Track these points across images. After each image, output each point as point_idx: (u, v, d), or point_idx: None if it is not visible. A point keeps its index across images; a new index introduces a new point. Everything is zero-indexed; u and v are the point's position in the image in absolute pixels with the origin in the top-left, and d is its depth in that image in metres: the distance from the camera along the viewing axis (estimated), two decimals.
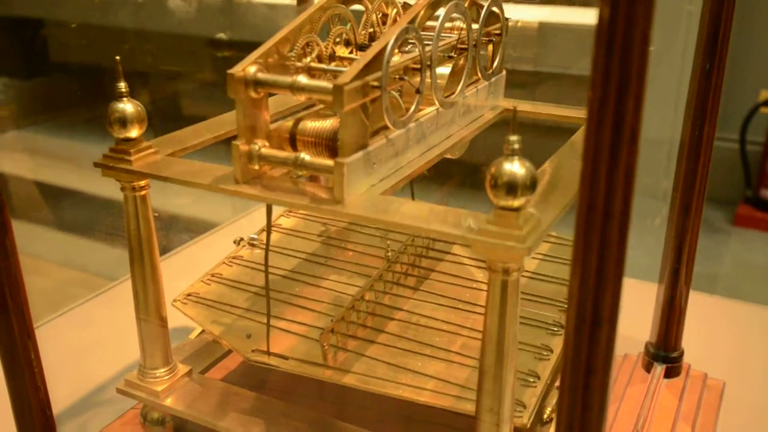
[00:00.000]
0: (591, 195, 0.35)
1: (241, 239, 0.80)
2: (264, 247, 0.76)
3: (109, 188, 0.60)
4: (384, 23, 0.68)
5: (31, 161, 2.16)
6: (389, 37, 0.53)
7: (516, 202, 0.45)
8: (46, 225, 1.81)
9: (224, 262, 0.77)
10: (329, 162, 0.52)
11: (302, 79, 0.52)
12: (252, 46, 0.54)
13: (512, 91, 0.75)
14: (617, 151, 0.34)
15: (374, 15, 0.66)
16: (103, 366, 0.85)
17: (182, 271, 0.93)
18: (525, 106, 0.73)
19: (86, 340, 0.93)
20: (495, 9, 0.68)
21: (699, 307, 0.91)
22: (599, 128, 0.34)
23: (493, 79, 0.71)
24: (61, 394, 0.74)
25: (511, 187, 0.45)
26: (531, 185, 0.45)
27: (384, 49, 0.52)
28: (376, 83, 0.52)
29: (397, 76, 0.56)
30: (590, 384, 0.38)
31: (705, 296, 1.02)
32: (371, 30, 0.66)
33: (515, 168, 0.45)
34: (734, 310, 1.01)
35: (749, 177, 1.96)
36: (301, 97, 0.54)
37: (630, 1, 0.31)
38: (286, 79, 0.52)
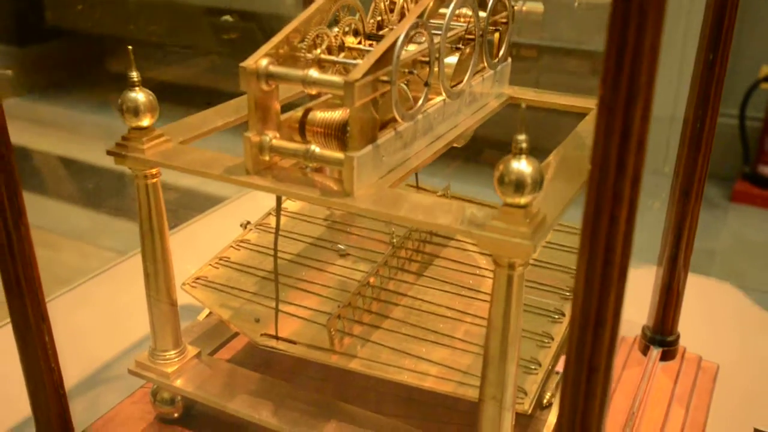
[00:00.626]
0: (598, 201, 0.36)
1: (248, 222, 0.81)
2: (272, 231, 0.77)
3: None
4: (392, 11, 0.68)
5: (31, 129, 2.16)
6: (399, 31, 0.53)
7: (523, 200, 0.46)
8: (46, 195, 1.81)
9: (232, 246, 0.79)
10: (339, 155, 0.53)
11: (314, 73, 0.53)
12: None
13: (517, 64, 0.75)
14: (624, 160, 0.35)
15: (382, 3, 0.66)
16: (110, 343, 0.87)
17: (188, 248, 0.94)
18: (529, 94, 0.74)
19: (92, 317, 0.95)
20: None
21: (696, 288, 0.93)
22: (607, 137, 0.35)
23: (498, 67, 0.71)
24: (71, 372, 0.76)
25: (519, 186, 0.46)
26: (538, 183, 0.46)
27: (394, 44, 0.53)
28: (385, 78, 0.53)
29: (406, 70, 0.56)
30: (592, 380, 0.40)
31: (702, 278, 1.03)
32: (379, 18, 0.66)
33: (522, 166, 0.46)
34: (731, 293, 1.02)
35: (748, 153, 1.96)
36: (312, 90, 0.54)
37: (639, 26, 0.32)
38: (298, 72, 0.53)
